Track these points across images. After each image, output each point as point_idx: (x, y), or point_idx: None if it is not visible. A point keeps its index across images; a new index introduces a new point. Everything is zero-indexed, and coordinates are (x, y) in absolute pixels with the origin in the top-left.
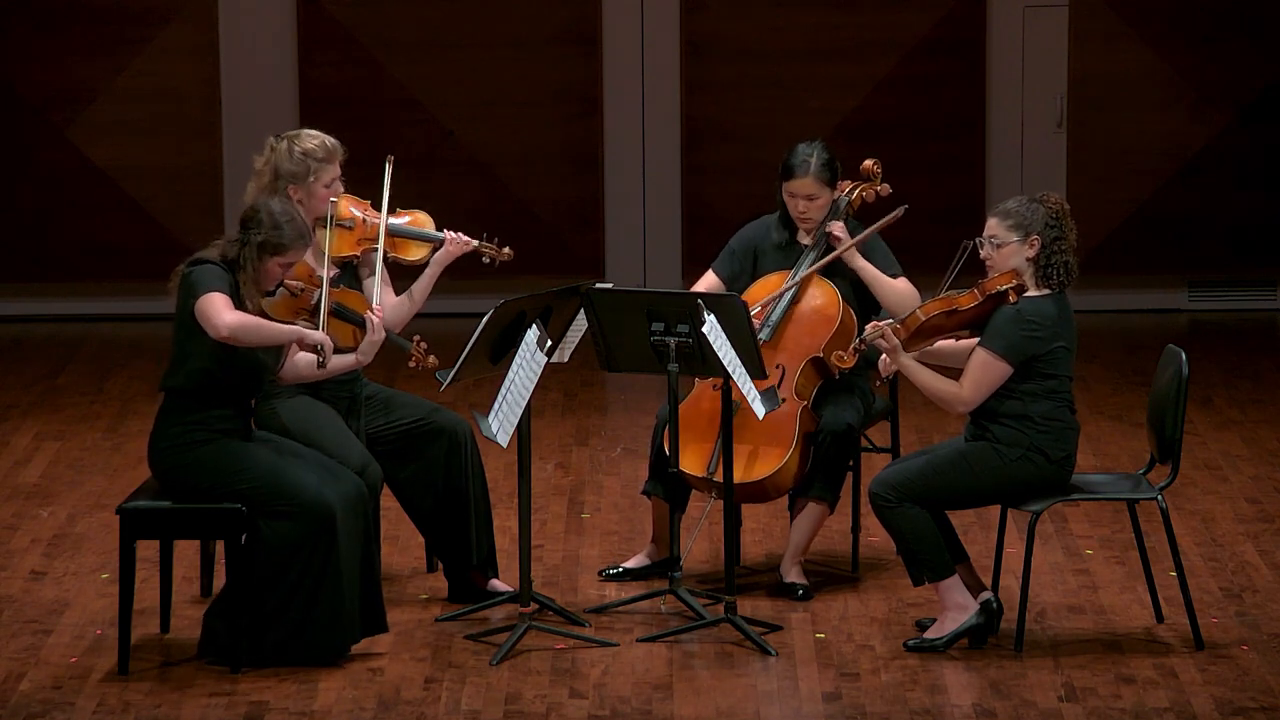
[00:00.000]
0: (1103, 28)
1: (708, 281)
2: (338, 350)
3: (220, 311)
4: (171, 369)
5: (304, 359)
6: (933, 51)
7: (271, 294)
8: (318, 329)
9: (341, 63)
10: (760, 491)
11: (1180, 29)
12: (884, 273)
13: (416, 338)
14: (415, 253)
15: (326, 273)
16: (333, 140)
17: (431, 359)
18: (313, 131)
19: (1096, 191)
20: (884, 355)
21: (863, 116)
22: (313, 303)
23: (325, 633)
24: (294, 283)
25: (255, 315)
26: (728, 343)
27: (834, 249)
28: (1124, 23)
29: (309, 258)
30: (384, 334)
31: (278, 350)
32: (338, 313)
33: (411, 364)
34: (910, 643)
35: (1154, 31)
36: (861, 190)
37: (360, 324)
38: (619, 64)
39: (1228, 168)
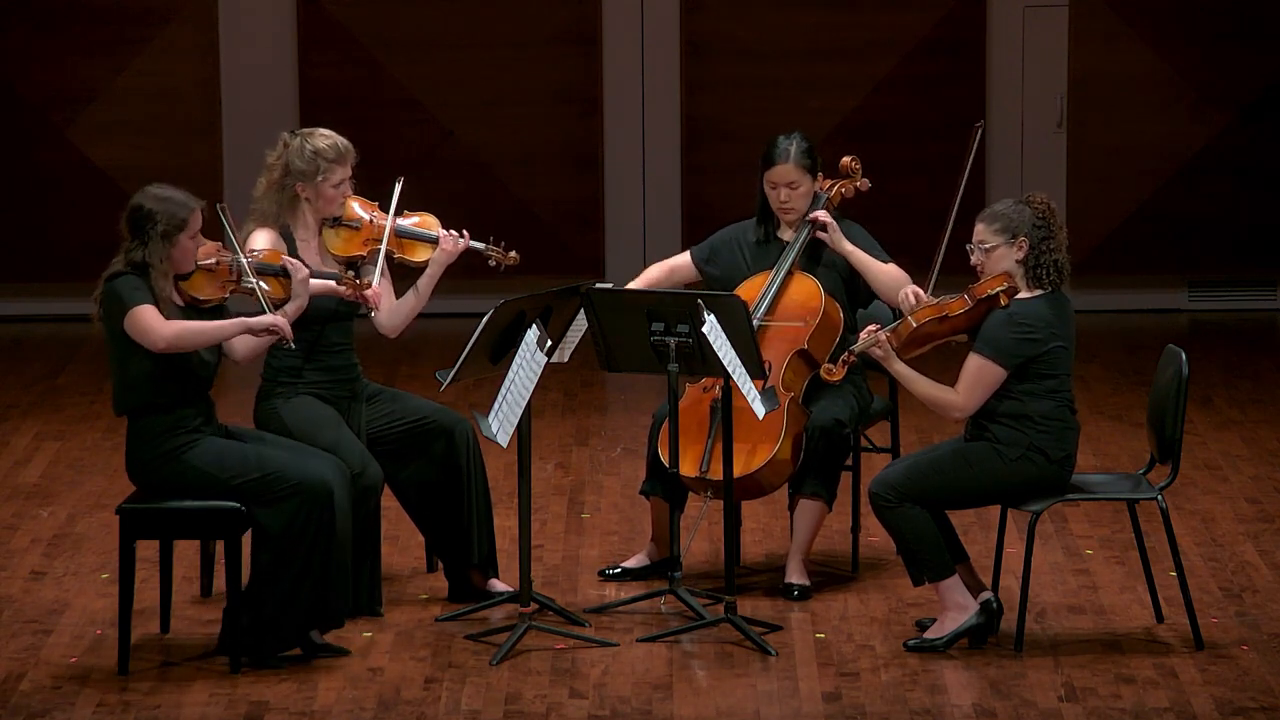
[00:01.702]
0: (1103, 28)
1: (679, 260)
2: (277, 303)
3: (154, 325)
4: (120, 390)
5: (241, 341)
6: (933, 51)
7: (186, 277)
8: (252, 290)
9: (341, 63)
10: (755, 485)
11: (1180, 29)
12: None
13: (349, 273)
14: (421, 254)
15: (244, 249)
16: (345, 142)
17: (368, 293)
18: (327, 131)
19: (1096, 191)
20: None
21: (863, 116)
22: (231, 270)
23: (329, 608)
24: (207, 260)
25: (177, 305)
26: (728, 343)
27: (818, 239)
28: (1124, 23)
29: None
30: (306, 270)
31: (216, 347)
32: (262, 269)
33: (346, 291)
34: (910, 643)
35: (1154, 31)
36: (840, 186)
37: (282, 273)
38: (619, 64)
39: (1228, 168)
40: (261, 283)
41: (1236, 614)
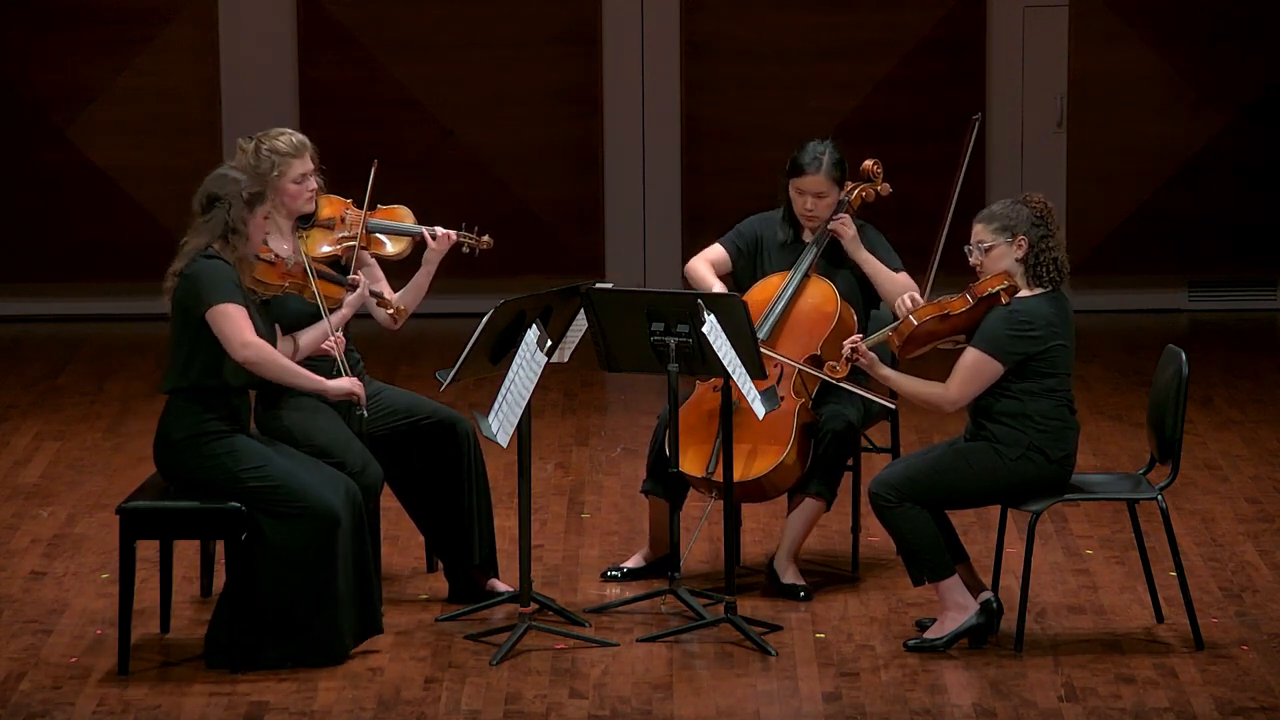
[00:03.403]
0: (1103, 28)
1: (713, 254)
2: (330, 308)
3: (244, 333)
4: (174, 370)
5: (299, 340)
6: (933, 51)
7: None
8: (306, 293)
9: (341, 63)
10: (759, 490)
11: (1180, 29)
12: (889, 266)
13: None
14: (395, 247)
15: (307, 258)
16: (300, 137)
17: (401, 307)
18: (283, 129)
19: (1096, 191)
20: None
21: (863, 116)
22: (289, 266)
23: (324, 640)
24: (266, 253)
25: (248, 288)
26: (728, 343)
27: (835, 242)
28: (1124, 23)
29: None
30: (364, 287)
31: (271, 337)
32: (321, 273)
33: (389, 312)
34: (910, 643)
35: (1154, 31)
36: (861, 190)
37: (346, 284)
38: (619, 64)
39: (1228, 168)
40: (319, 287)
41: (1236, 614)
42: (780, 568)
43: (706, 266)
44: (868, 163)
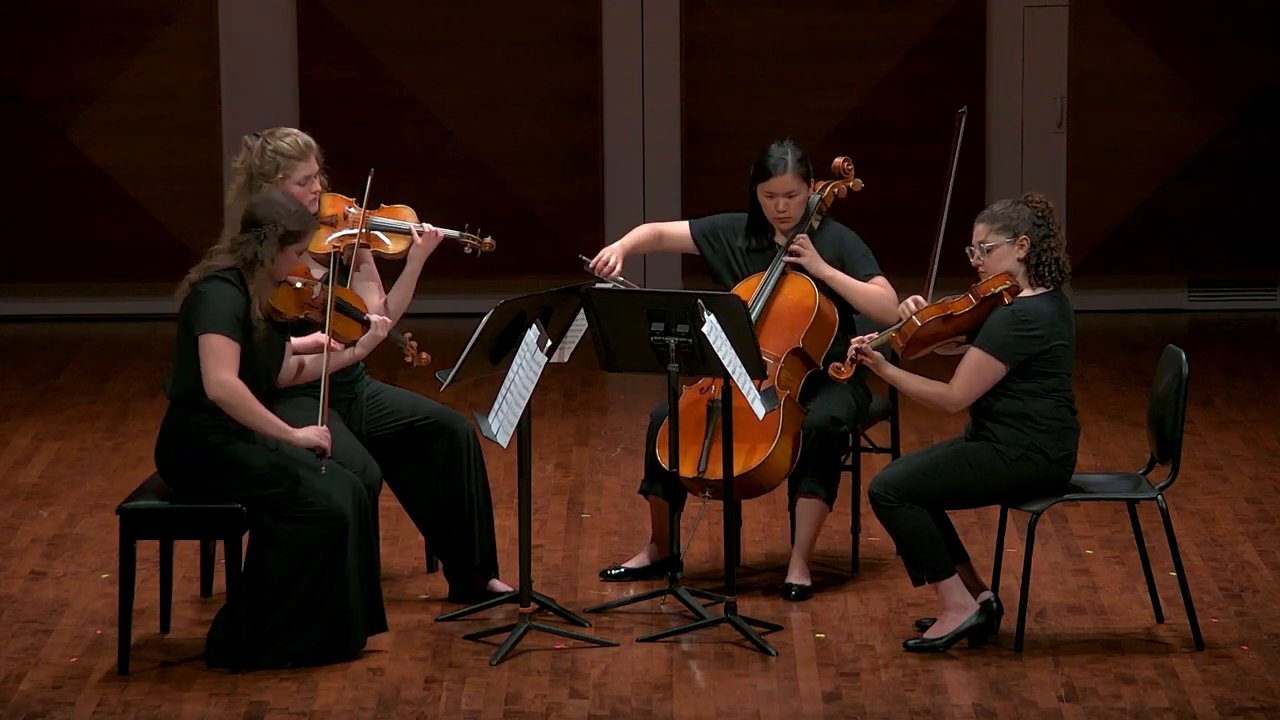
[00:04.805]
0: (1103, 28)
1: (674, 226)
2: (345, 344)
3: (221, 370)
4: (180, 379)
5: (305, 363)
6: (933, 51)
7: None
8: (324, 325)
9: (341, 63)
10: (752, 484)
11: (1180, 29)
12: (862, 272)
13: (408, 335)
14: (396, 246)
15: (333, 270)
16: (306, 138)
17: (424, 355)
18: (288, 129)
19: (1096, 191)
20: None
21: (863, 116)
22: (314, 296)
23: (332, 639)
24: (294, 278)
25: (265, 312)
26: (728, 343)
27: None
28: (1124, 23)
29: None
30: (387, 333)
31: (279, 357)
32: (341, 308)
33: (407, 359)
34: (910, 643)
35: (1154, 31)
36: (833, 187)
37: (364, 321)
38: (619, 64)
39: (1228, 168)
40: (336, 323)
41: (1236, 614)
42: (789, 569)
43: (648, 230)
44: (838, 160)
